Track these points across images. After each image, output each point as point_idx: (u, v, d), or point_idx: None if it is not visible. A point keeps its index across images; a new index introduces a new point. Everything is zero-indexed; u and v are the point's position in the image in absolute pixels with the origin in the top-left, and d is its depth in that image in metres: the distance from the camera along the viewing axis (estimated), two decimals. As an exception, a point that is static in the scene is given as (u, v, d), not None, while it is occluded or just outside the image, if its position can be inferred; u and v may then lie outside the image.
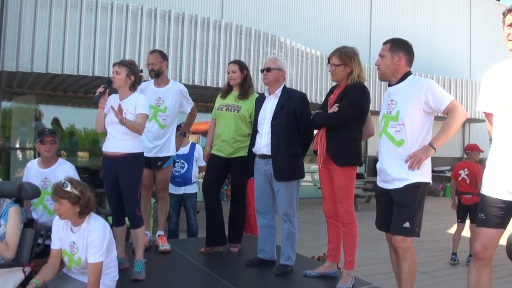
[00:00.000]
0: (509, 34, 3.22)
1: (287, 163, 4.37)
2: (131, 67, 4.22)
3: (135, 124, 4.06)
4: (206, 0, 13.55)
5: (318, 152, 4.09)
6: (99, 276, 3.34)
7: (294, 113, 4.40)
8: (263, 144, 4.46)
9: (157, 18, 9.44)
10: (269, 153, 4.42)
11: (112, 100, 4.19)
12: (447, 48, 18.74)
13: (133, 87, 4.28)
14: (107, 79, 4.22)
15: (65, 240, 3.51)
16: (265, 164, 4.48)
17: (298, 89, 8.74)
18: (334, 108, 3.98)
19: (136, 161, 4.23)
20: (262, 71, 4.60)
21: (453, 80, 16.66)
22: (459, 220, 7.50)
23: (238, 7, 14.07)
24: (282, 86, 4.59)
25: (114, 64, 4.26)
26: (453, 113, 3.47)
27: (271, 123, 4.43)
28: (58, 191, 3.32)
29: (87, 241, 3.37)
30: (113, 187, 4.25)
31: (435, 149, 3.47)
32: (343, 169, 4.06)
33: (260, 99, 4.68)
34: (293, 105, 4.42)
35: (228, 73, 5.05)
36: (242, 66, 5.08)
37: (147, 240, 5.17)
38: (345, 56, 4.06)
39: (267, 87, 4.67)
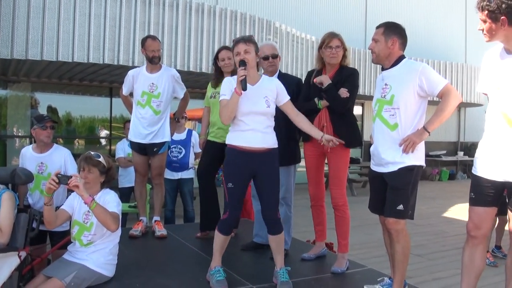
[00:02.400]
0: (482, 29, 3.26)
1: (285, 149, 4.37)
2: (257, 44, 3.82)
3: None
4: (201, -14, 13.49)
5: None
6: (116, 220, 3.55)
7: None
8: None
9: (152, 4, 9.40)
10: None
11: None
12: (443, 33, 18.72)
13: None
14: (242, 62, 3.64)
15: (78, 212, 3.68)
16: None
17: (294, 75, 8.73)
18: (345, 93, 4.07)
19: (277, 156, 3.83)
20: (266, 58, 4.51)
21: (449, 64, 16.67)
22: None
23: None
24: (278, 71, 4.61)
25: (238, 43, 3.70)
26: (447, 97, 3.48)
27: None
28: (91, 160, 3.63)
29: (103, 202, 3.59)
30: (246, 186, 3.81)
31: (429, 132, 3.49)
32: (343, 151, 4.15)
33: None
34: (289, 91, 4.43)
35: (223, 60, 4.98)
36: None
37: (143, 226, 5.21)
38: (342, 39, 4.19)
39: (263, 72, 4.67)
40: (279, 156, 4.01)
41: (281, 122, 4.31)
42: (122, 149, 7.39)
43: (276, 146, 3.78)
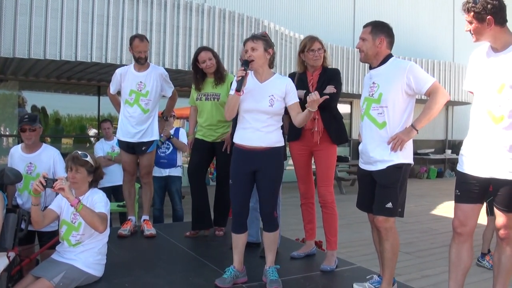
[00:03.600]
0: (470, 30, 3.30)
1: None
2: (268, 40, 3.84)
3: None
4: (189, -16, 13.45)
5: (315, 130, 4.18)
6: (104, 221, 3.54)
7: None
8: None
9: (140, 2, 9.34)
10: None
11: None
12: (431, 31, 18.81)
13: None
14: (244, 62, 3.71)
15: (66, 211, 3.67)
16: None
17: (283, 73, 8.74)
18: (332, 89, 4.16)
19: (280, 155, 3.81)
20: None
21: (436, 63, 16.75)
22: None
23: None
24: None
25: (247, 41, 3.76)
26: (435, 95, 3.51)
27: None
28: (78, 160, 3.62)
29: (91, 202, 3.62)
30: (247, 184, 3.79)
31: (417, 130, 3.51)
32: (330, 149, 4.25)
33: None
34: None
35: (204, 62, 4.94)
36: (213, 52, 5.07)
37: (132, 225, 5.19)
38: (321, 41, 4.32)
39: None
40: None
41: None
42: (101, 149, 7.38)
43: (279, 145, 3.78)
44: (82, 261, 3.58)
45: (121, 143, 5.17)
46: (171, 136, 6.78)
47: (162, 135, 6.53)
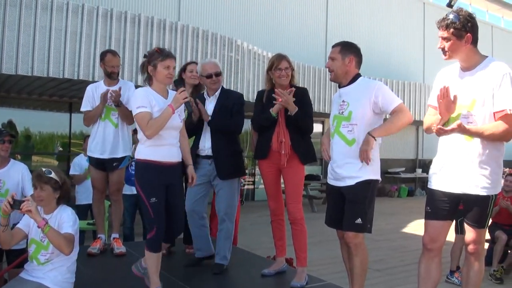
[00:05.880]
0: (442, 47, 3.40)
1: (229, 161, 4.51)
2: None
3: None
4: (163, 1, 13.52)
5: (283, 152, 4.19)
6: (70, 244, 3.44)
7: (230, 111, 4.54)
8: (207, 146, 4.53)
9: (113, 19, 9.34)
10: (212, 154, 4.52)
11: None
12: (402, 53, 19.20)
13: None
14: (178, 81, 3.94)
15: (35, 231, 3.56)
16: (209, 164, 4.53)
17: (255, 91, 8.79)
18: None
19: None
20: (209, 76, 4.56)
21: (407, 84, 17.06)
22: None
23: (195, 9, 14.06)
24: (220, 88, 4.71)
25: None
26: (400, 113, 3.62)
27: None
28: (42, 177, 3.49)
29: (59, 221, 3.52)
30: (162, 199, 3.74)
31: (374, 137, 3.57)
32: (298, 167, 4.28)
33: (200, 99, 4.63)
34: (231, 104, 4.57)
35: (191, 71, 5.04)
36: None
37: (102, 243, 5.12)
38: (289, 60, 4.34)
39: (205, 89, 4.74)
40: (223, 169, 4.36)
41: (224, 135, 4.41)
42: (79, 165, 7.26)
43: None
44: (50, 279, 3.52)
45: (91, 160, 5.11)
46: None
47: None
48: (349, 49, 3.77)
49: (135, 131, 5.71)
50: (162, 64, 3.65)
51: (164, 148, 3.72)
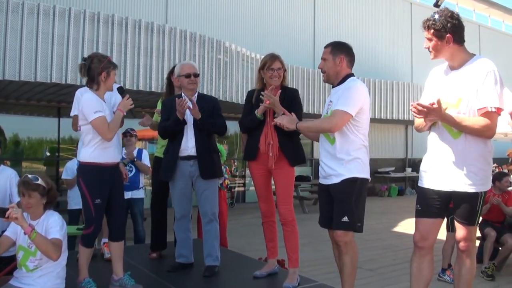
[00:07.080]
0: (427, 47, 3.44)
1: (210, 161, 4.55)
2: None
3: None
4: (150, 4, 13.49)
5: (270, 155, 4.18)
6: (58, 249, 3.47)
7: (212, 113, 4.57)
8: (190, 145, 4.51)
9: (100, 22, 9.29)
10: (196, 154, 4.51)
11: None
12: (390, 53, 19.29)
13: None
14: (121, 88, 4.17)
15: (22, 237, 3.55)
16: (191, 165, 4.52)
17: (244, 93, 8.79)
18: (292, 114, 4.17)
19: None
20: (188, 76, 4.58)
21: (395, 83, 17.14)
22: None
23: (183, 12, 14.05)
24: (197, 91, 4.75)
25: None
26: (330, 117, 3.69)
27: (195, 125, 4.51)
28: (30, 185, 3.51)
29: (46, 226, 3.54)
30: (105, 200, 3.98)
31: (297, 128, 3.75)
32: (288, 169, 4.27)
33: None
34: (211, 106, 4.61)
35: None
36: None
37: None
38: (282, 61, 4.33)
39: (182, 91, 4.71)
40: (206, 169, 4.42)
41: (204, 135, 4.45)
42: (71, 169, 7.21)
43: None
44: (40, 286, 3.52)
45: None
46: (135, 159, 6.71)
47: (125, 157, 6.46)
48: (339, 49, 3.79)
49: (124, 134, 5.71)
50: (114, 72, 3.97)
51: (110, 150, 3.94)
